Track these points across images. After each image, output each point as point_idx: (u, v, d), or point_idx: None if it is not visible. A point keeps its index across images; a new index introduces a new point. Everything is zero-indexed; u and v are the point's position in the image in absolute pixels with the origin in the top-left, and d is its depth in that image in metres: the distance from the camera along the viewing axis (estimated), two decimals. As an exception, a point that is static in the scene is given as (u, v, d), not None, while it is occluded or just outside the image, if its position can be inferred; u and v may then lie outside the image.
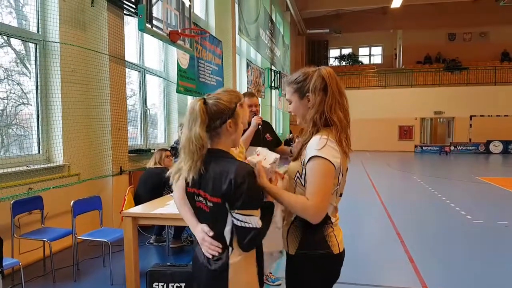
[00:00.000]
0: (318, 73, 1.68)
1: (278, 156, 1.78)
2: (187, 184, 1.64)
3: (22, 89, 4.82)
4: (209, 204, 1.57)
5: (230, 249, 1.57)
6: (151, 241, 5.12)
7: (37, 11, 4.72)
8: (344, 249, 1.74)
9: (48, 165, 4.72)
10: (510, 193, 8.78)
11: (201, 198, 1.61)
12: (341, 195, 1.77)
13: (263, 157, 1.77)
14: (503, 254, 4.74)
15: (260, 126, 3.44)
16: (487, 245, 5.07)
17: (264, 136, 3.60)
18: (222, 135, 1.63)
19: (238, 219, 1.51)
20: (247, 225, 1.51)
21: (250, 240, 1.53)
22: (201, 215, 1.66)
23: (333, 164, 1.58)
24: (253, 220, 1.51)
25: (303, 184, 1.65)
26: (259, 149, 1.87)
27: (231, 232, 1.55)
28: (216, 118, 1.59)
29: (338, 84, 1.68)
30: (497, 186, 9.66)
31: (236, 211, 1.50)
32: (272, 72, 16.37)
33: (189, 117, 1.59)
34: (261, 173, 1.67)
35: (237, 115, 1.64)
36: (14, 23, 4.60)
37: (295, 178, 1.70)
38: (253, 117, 3.46)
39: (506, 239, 5.36)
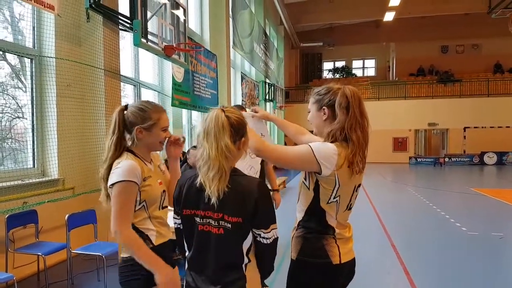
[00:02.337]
0: (342, 92, 1.78)
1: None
2: (185, 205, 1.58)
3: (17, 103, 4.84)
4: (225, 225, 1.50)
5: (245, 262, 1.55)
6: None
7: (33, 27, 4.77)
8: (349, 261, 1.80)
9: (43, 179, 4.73)
10: (505, 205, 8.83)
11: (209, 221, 1.53)
12: (349, 208, 1.83)
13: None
14: (498, 265, 4.76)
15: None
16: (482, 257, 5.09)
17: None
18: (237, 154, 1.57)
19: (265, 237, 1.52)
20: (272, 239, 1.54)
21: (274, 252, 1.58)
22: (205, 238, 1.56)
23: (318, 163, 1.67)
24: (276, 232, 1.55)
25: (308, 187, 1.78)
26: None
27: (248, 247, 1.55)
28: (237, 133, 1.53)
29: (360, 105, 1.77)
30: (491, 198, 9.71)
31: (263, 230, 1.52)
32: (267, 85, 16.50)
33: (214, 125, 1.48)
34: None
35: (247, 136, 1.62)
36: (10, 38, 4.65)
37: (301, 183, 1.83)
38: None
39: (501, 250, 5.39)
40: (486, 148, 19.81)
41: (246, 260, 1.55)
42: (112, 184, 1.76)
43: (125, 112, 1.91)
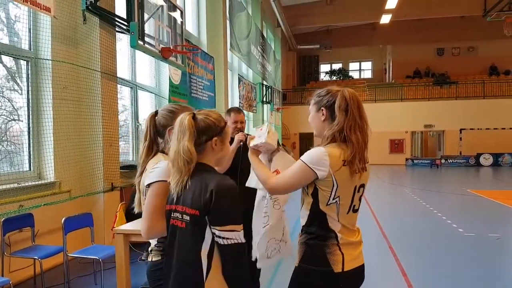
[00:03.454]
0: (341, 94, 1.80)
1: (263, 141, 1.97)
2: (167, 201, 1.63)
3: (13, 105, 4.82)
4: (186, 218, 1.52)
5: (205, 270, 1.48)
6: (143, 258, 5.06)
7: (29, 29, 4.75)
8: (355, 268, 1.76)
9: (39, 182, 4.70)
10: (501, 206, 8.86)
11: (177, 214, 1.57)
12: (355, 210, 1.82)
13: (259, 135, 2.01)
14: (495, 266, 4.77)
15: (241, 143, 3.33)
16: (479, 258, 5.10)
17: (246, 152, 3.44)
18: (207, 152, 1.62)
19: (221, 237, 1.45)
20: (231, 241, 1.45)
21: (236, 258, 1.48)
22: (174, 234, 1.58)
23: (312, 170, 1.70)
24: (237, 235, 1.46)
25: (307, 193, 1.78)
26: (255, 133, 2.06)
27: (209, 250, 1.48)
28: (202, 134, 1.59)
29: (359, 107, 1.79)
30: (487, 199, 9.74)
31: (218, 228, 1.45)
32: (264, 87, 16.50)
33: (178, 130, 1.58)
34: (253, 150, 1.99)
35: (226, 134, 1.67)
36: (5, 40, 4.63)
37: (302, 188, 1.83)
38: (237, 133, 3.37)
39: (497, 251, 5.40)
40: (482, 149, 19.89)
41: (205, 265, 1.48)
42: (149, 184, 1.79)
43: (156, 118, 1.99)
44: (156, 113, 2.01)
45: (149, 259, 1.93)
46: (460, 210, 8.62)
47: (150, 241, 1.96)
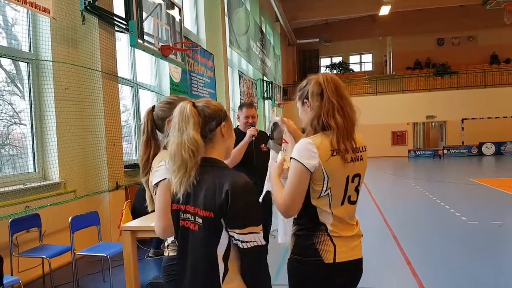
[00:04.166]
0: (315, 79, 1.72)
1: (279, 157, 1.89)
2: (173, 200, 1.48)
3: (13, 109, 4.85)
4: (199, 220, 1.38)
5: (222, 272, 1.37)
6: (150, 255, 5.13)
7: (29, 30, 4.77)
8: (349, 261, 1.67)
9: (44, 182, 4.74)
10: (503, 194, 8.87)
11: (188, 216, 1.42)
12: (351, 202, 1.71)
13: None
14: (498, 253, 4.80)
15: (253, 138, 3.36)
16: (482, 245, 5.13)
17: (259, 147, 3.44)
18: (216, 142, 1.47)
19: (240, 240, 1.33)
20: (251, 244, 1.34)
21: (256, 261, 1.39)
22: (186, 237, 1.45)
23: (305, 166, 1.60)
24: (257, 238, 1.35)
25: None
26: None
27: (224, 253, 1.37)
28: (211, 119, 1.44)
29: (338, 89, 1.67)
30: (490, 187, 9.76)
31: (237, 231, 1.33)
32: (264, 83, 16.51)
33: (179, 119, 1.41)
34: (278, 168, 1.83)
35: (230, 120, 1.54)
36: (4, 43, 4.65)
37: None
38: (249, 128, 3.40)
39: (500, 238, 5.43)
40: (484, 138, 19.87)
41: (222, 267, 1.37)
42: (157, 183, 1.74)
43: (154, 112, 1.94)
44: (153, 107, 1.96)
45: (165, 254, 1.95)
46: (463, 199, 8.64)
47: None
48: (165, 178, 1.69)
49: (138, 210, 4.70)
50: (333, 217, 1.65)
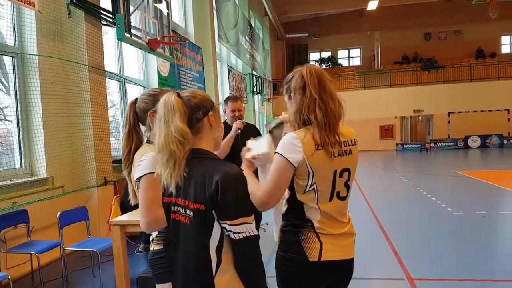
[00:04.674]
0: (299, 72, 1.66)
1: (265, 151, 1.79)
2: (164, 193, 1.46)
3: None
4: (189, 213, 1.36)
5: (215, 265, 1.36)
6: (139, 250, 5.12)
7: (13, 24, 4.70)
8: (337, 261, 1.63)
9: (32, 178, 4.69)
10: (488, 185, 9.05)
11: (179, 208, 1.41)
12: (341, 198, 1.66)
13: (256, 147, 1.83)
14: (482, 242, 4.91)
15: (240, 131, 3.37)
16: (467, 235, 5.25)
17: (246, 140, 3.51)
18: (204, 132, 1.45)
19: (233, 231, 1.31)
20: (243, 235, 1.32)
21: (250, 251, 1.36)
22: (177, 230, 1.43)
23: (288, 160, 1.57)
24: (249, 228, 1.33)
25: None
26: (250, 143, 1.89)
27: (217, 245, 1.35)
28: (197, 109, 1.42)
29: (321, 82, 1.62)
30: (475, 179, 9.94)
31: (228, 222, 1.31)
32: (254, 77, 16.49)
33: (164, 110, 1.38)
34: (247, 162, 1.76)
35: (217, 110, 1.51)
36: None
37: None
38: (236, 121, 3.43)
39: (484, 228, 5.55)
40: (470, 132, 20.20)
41: (215, 260, 1.36)
42: (139, 178, 1.73)
43: (136, 104, 1.92)
44: (136, 100, 1.93)
45: (151, 248, 1.96)
46: (449, 191, 8.79)
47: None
48: (148, 173, 1.68)
49: (127, 205, 4.68)
50: (320, 213, 1.61)
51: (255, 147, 1.83)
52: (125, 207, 4.68)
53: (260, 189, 1.63)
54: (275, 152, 1.62)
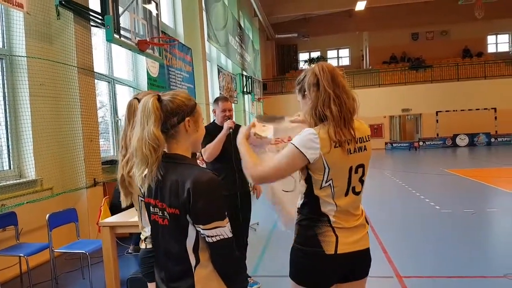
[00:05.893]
0: (311, 70, 1.71)
1: (270, 137, 1.85)
2: (143, 193, 1.50)
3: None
4: (167, 216, 1.41)
5: (194, 263, 1.42)
6: (129, 251, 5.11)
7: (1, 26, 4.66)
8: (352, 252, 1.69)
9: (20, 180, 4.66)
10: (476, 183, 9.20)
11: (156, 210, 1.45)
12: (356, 193, 1.72)
13: (266, 128, 1.88)
14: (470, 239, 5.01)
15: (231, 130, 3.40)
16: (455, 233, 5.34)
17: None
18: (180, 137, 1.46)
19: (207, 235, 1.37)
20: (217, 238, 1.37)
21: (225, 253, 1.41)
22: (157, 230, 1.48)
23: (302, 153, 1.60)
24: (223, 231, 1.38)
25: (301, 178, 1.73)
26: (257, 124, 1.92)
27: (194, 245, 1.41)
28: (173, 115, 1.42)
29: (334, 78, 1.66)
30: (463, 177, 10.10)
31: (202, 226, 1.36)
32: (244, 78, 16.52)
33: (141, 114, 1.40)
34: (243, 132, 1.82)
35: (197, 113, 1.50)
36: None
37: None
38: (226, 121, 3.48)
39: (472, 225, 5.65)
40: (458, 130, 20.48)
41: (193, 258, 1.41)
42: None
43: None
44: (138, 100, 1.86)
45: (142, 247, 1.97)
46: (437, 189, 8.92)
47: (145, 229, 2.00)
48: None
49: (116, 207, 4.68)
50: (336, 208, 1.67)
51: (261, 130, 1.88)
52: (115, 209, 4.67)
53: (259, 164, 1.69)
54: (291, 143, 1.65)
